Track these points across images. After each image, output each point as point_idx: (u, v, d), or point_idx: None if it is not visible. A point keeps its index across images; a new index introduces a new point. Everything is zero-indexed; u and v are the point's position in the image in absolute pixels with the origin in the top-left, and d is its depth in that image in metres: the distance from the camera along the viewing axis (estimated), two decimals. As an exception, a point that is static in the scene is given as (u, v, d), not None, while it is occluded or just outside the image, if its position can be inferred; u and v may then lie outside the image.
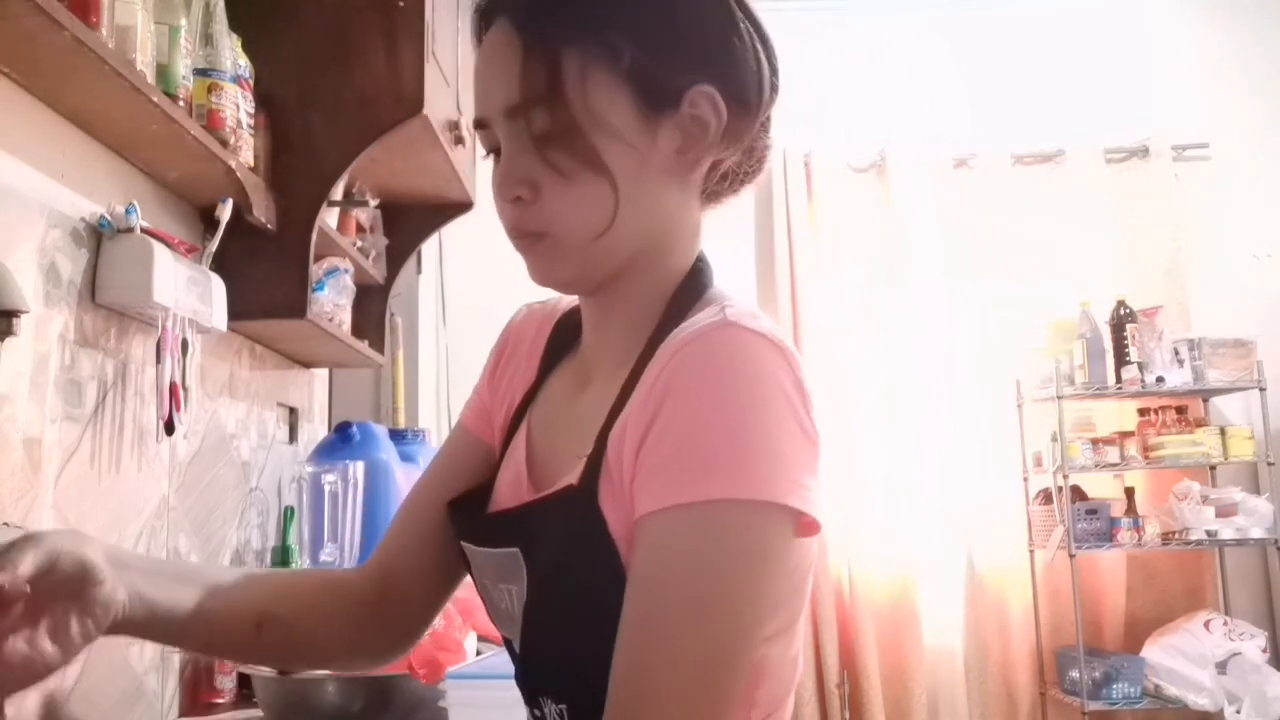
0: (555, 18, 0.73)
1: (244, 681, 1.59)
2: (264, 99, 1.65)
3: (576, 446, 0.75)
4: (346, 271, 1.99)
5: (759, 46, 0.77)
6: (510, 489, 0.82)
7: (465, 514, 0.85)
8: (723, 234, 0.91)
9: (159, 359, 1.40)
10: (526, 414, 0.86)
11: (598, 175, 0.72)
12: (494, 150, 0.77)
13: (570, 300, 0.90)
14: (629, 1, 0.75)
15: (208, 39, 1.47)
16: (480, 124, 0.77)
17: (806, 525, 0.68)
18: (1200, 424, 3.29)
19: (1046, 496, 3.31)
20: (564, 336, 0.89)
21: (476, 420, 0.94)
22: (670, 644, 0.63)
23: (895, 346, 3.47)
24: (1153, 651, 3.14)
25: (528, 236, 0.76)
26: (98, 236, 1.35)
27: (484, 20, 0.77)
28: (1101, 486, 3.36)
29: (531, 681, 0.79)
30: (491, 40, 0.76)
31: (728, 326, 0.67)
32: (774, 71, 0.78)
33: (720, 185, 0.82)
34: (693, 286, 0.78)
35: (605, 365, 0.80)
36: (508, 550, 0.77)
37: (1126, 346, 3.23)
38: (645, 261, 0.78)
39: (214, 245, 1.56)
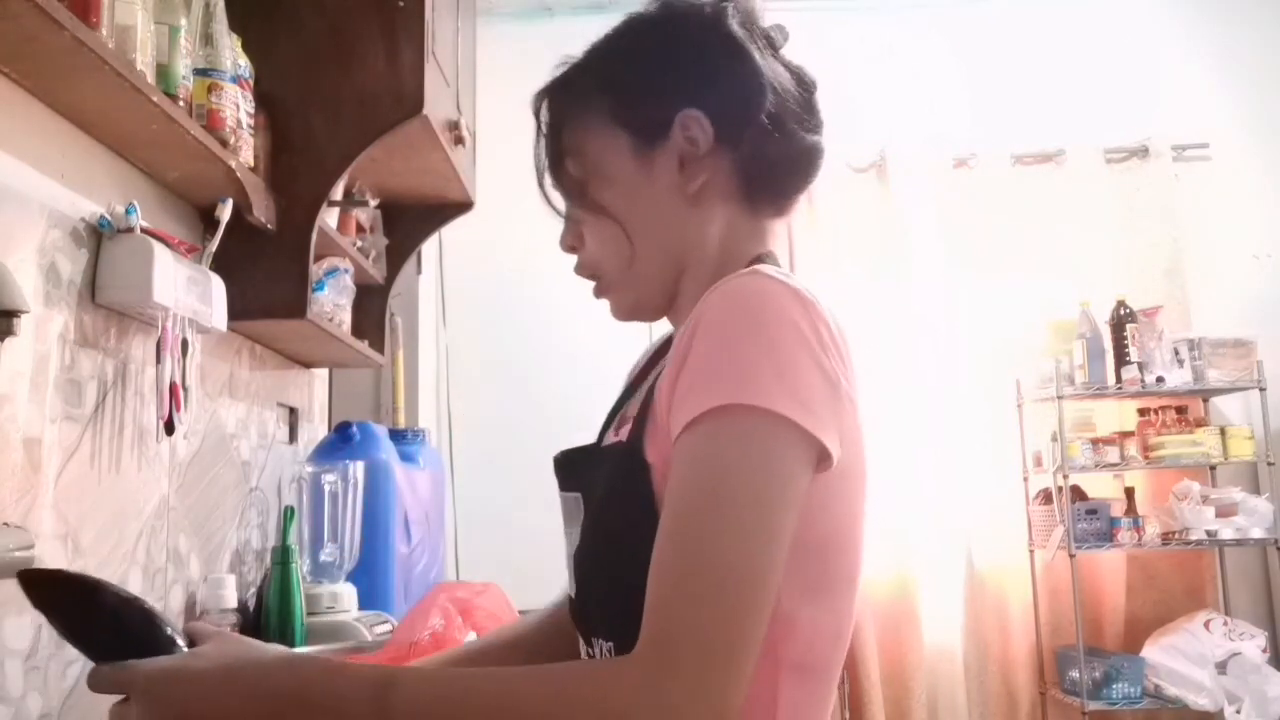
0: (558, 100, 0.89)
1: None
2: (264, 99, 1.65)
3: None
4: (346, 271, 1.99)
5: (739, 58, 0.86)
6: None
7: (557, 460, 0.93)
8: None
9: (159, 359, 1.40)
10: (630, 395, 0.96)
11: (605, 218, 0.86)
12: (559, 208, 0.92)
13: None
14: (612, 63, 0.89)
15: (208, 39, 1.47)
16: (542, 184, 0.92)
17: (820, 456, 0.71)
18: (1200, 424, 3.29)
19: (1046, 496, 3.31)
20: None
21: None
22: (686, 539, 0.67)
23: (895, 346, 3.47)
24: (1153, 651, 3.14)
25: (590, 280, 0.91)
26: (98, 236, 1.35)
27: (537, 105, 0.92)
28: (1101, 486, 3.36)
29: (583, 622, 0.84)
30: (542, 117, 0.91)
31: (753, 274, 0.74)
32: (751, 74, 0.85)
33: (769, 196, 0.88)
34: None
35: None
36: (572, 494, 0.86)
37: (1126, 346, 3.23)
38: (694, 275, 0.86)
39: (214, 245, 1.56)
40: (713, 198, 0.86)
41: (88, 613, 0.78)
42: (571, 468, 0.89)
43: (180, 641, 0.78)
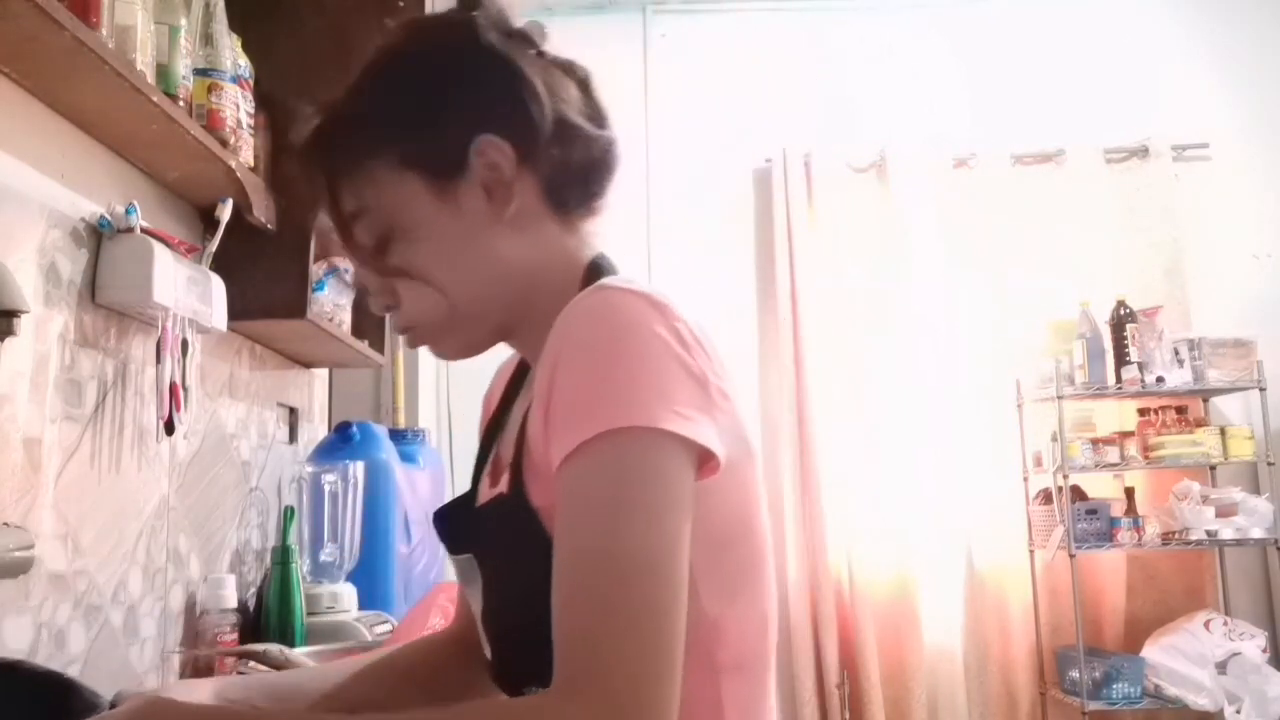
0: (328, 158, 0.82)
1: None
2: (264, 99, 1.65)
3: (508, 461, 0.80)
4: (346, 271, 1.99)
5: (510, 71, 0.80)
6: (483, 497, 0.87)
7: (437, 523, 0.90)
8: (723, 235, 0.91)
9: (159, 359, 1.40)
10: (494, 443, 0.92)
11: (418, 272, 0.80)
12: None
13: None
14: (381, 106, 0.82)
15: (208, 39, 1.47)
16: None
17: (703, 459, 0.70)
18: (1200, 424, 3.29)
19: (1046, 496, 3.31)
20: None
21: None
22: (591, 569, 0.65)
23: (895, 347, 3.47)
24: (1153, 651, 3.14)
25: (406, 334, 0.84)
26: (98, 236, 1.35)
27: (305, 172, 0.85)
28: (1101, 486, 3.36)
29: (506, 680, 0.83)
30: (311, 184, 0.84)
31: (598, 290, 0.72)
32: (524, 85, 0.80)
33: (579, 200, 0.85)
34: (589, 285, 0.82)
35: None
36: (464, 556, 0.84)
37: (1126, 346, 3.23)
38: (527, 297, 0.83)
39: (214, 245, 1.56)
40: (524, 217, 0.82)
41: (7, 694, 0.76)
42: (455, 529, 0.86)
43: (105, 704, 0.78)
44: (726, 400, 0.73)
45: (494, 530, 0.78)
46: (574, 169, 0.84)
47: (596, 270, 0.83)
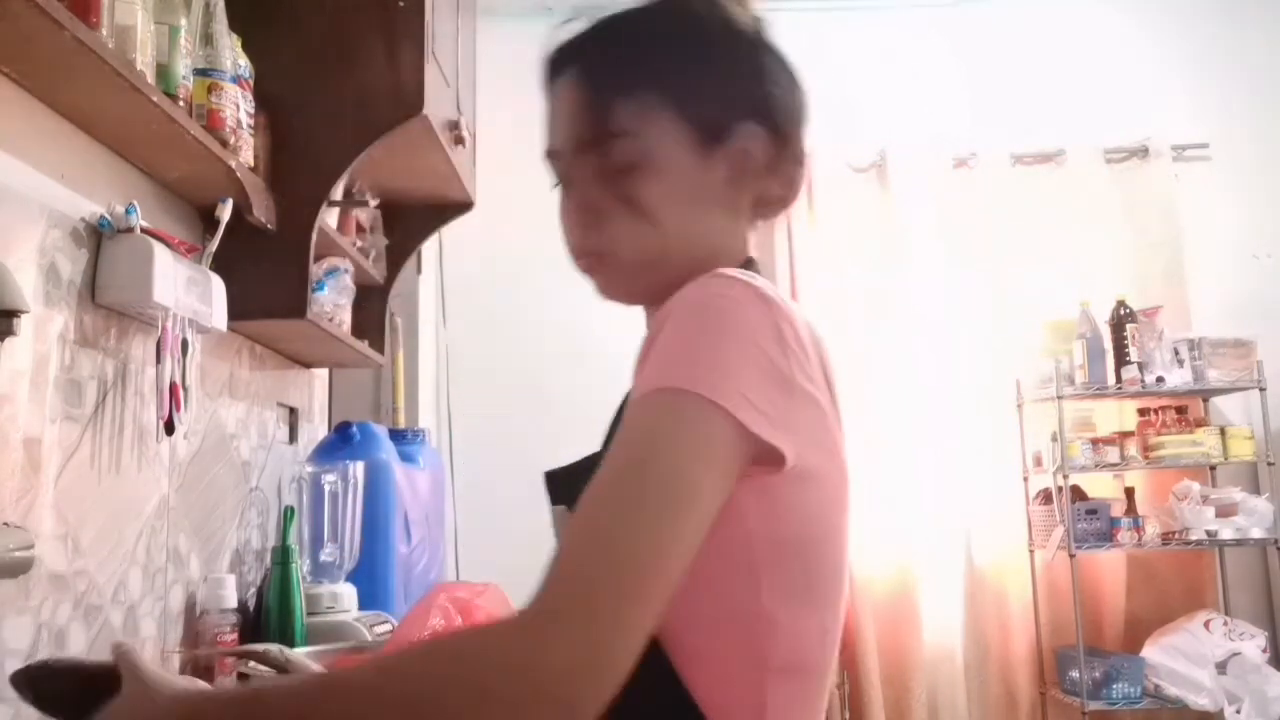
0: (622, 66, 0.84)
1: (243, 681, 1.59)
2: (264, 99, 1.65)
3: None
4: (346, 271, 1.99)
5: (792, 82, 0.88)
6: None
7: (547, 476, 0.92)
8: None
9: (159, 359, 1.40)
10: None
11: (647, 205, 0.82)
12: (563, 180, 0.88)
13: None
14: (685, 48, 0.85)
15: (208, 39, 1.47)
16: (551, 155, 0.88)
17: (769, 460, 0.70)
18: (1200, 424, 3.29)
19: (1046, 496, 3.31)
20: None
21: None
22: (598, 499, 0.67)
23: (895, 347, 3.47)
24: (1153, 651, 3.14)
25: (590, 256, 0.86)
26: (98, 236, 1.35)
27: (555, 68, 0.87)
28: (1101, 486, 3.36)
29: None
30: (564, 84, 0.86)
31: (715, 275, 0.75)
32: (803, 100, 0.89)
33: (764, 210, 0.90)
34: None
35: None
36: (559, 507, 0.86)
37: (1126, 346, 3.23)
38: (697, 273, 0.84)
39: (214, 245, 1.56)
40: (742, 211, 0.87)
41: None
42: (562, 482, 0.88)
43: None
44: (814, 409, 0.74)
45: (585, 483, 0.79)
46: (795, 190, 0.90)
47: (748, 268, 0.87)
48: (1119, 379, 3.23)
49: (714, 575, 0.71)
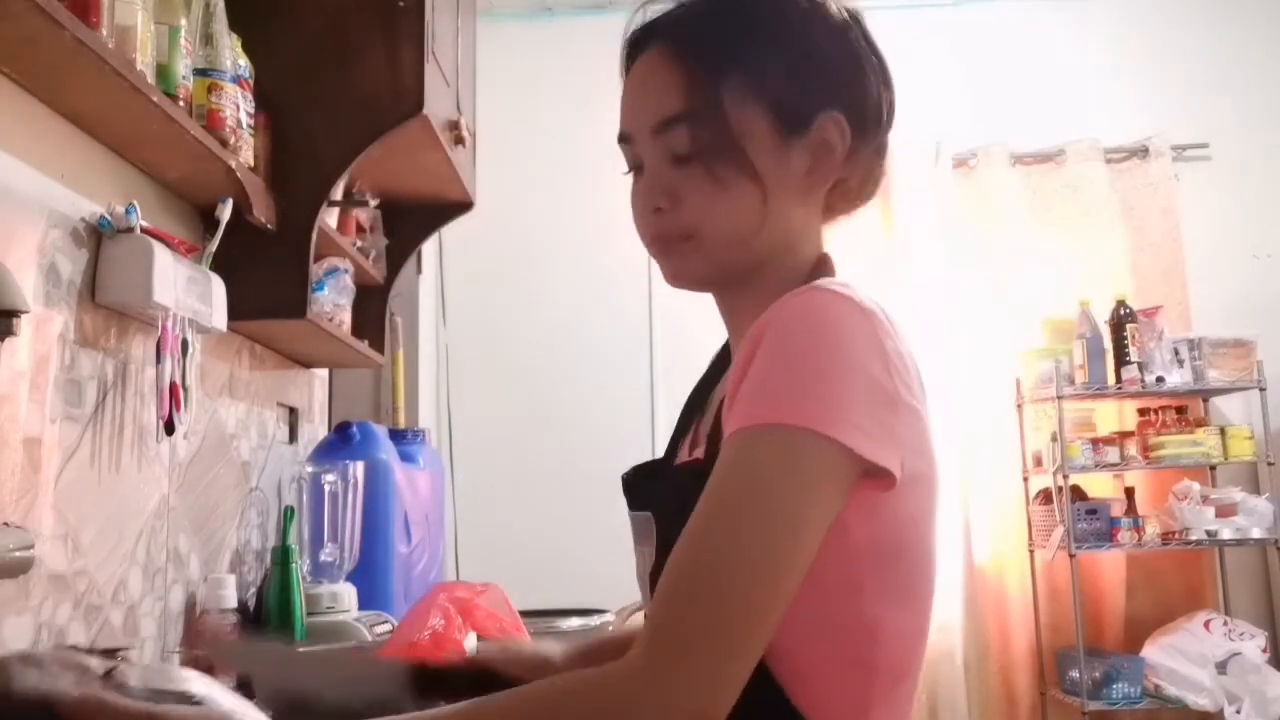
0: (713, 45, 0.83)
1: (244, 681, 1.59)
2: (264, 99, 1.65)
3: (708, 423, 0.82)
4: (346, 271, 1.99)
5: (881, 75, 0.88)
6: (679, 460, 0.90)
7: (625, 478, 0.93)
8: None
9: (159, 359, 1.40)
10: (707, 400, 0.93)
11: (753, 183, 0.81)
12: (635, 167, 0.86)
13: None
14: (773, 33, 0.84)
15: (208, 39, 1.47)
16: (625, 139, 0.86)
17: (876, 476, 0.71)
18: (1200, 424, 3.29)
19: (1046, 496, 3.31)
20: None
21: None
22: (704, 541, 0.68)
23: (895, 346, 3.46)
24: (1153, 651, 3.14)
25: (672, 240, 0.84)
26: (98, 236, 1.35)
27: (637, 47, 0.87)
28: (1101, 486, 3.36)
29: None
30: (651, 61, 0.85)
31: (813, 290, 0.75)
32: (891, 96, 0.88)
33: (841, 203, 0.90)
34: (812, 279, 0.84)
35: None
36: (643, 514, 0.86)
37: (1126, 346, 3.23)
38: (770, 266, 0.85)
39: (214, 245, 1.56)
40: (814, 199, 0.87)
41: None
42: (641, 486, 0.89)
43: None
44: (918, 420, 0.75)
45: (679, 493, 0.78)
46: (872, 185, 0.90)
47: (824, 265, 0.87)
48: (1119, 379, 3.23)
49: (816, 587, 0.72)
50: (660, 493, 0.85)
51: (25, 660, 0.71)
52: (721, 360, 0.96)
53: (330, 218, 1.94)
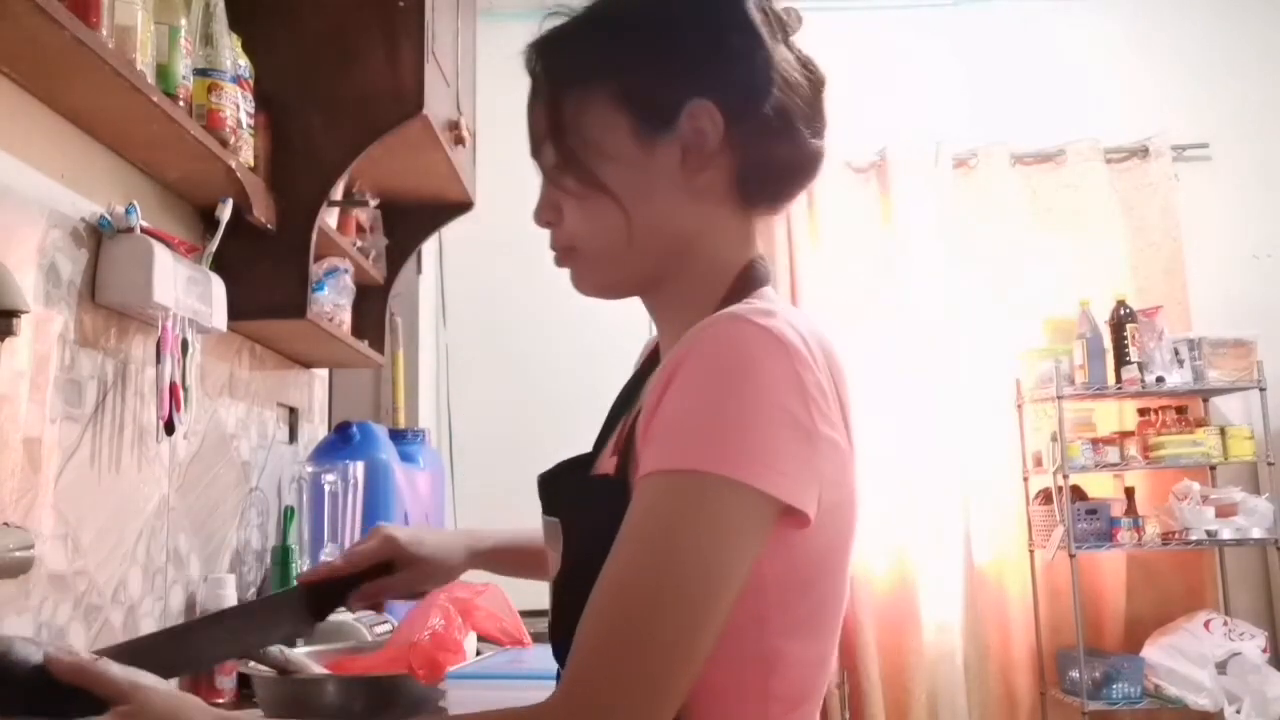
0: (566, 60, 0.84)
1: (244, 681, 1.59)
2: (264, 99, 1.65)
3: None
4: (346, 271, 1.99)
5: (754, 39, 0.81)
6: (598, 468, 0.88)
7: (540, 480, 0.91)
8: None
9: (159, 359, 1.40)
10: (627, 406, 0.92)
11: (602, 194, 0.81)
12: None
13: None
14: (620, 35, 0.83)
15: (208, 39, 1.47)
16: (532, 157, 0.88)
17: (792, 515, 0.70)
18: (1200, 424, 3.29)
19: (1046, 496, 3.31)
20: None
21: None
22: (623, 592, 0.67)
23: (895, 347, 3.46)
24: (1153, 651, 3.14)
25: (560, 252, 0.86)
26: (98, 236, 1.35)
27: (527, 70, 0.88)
28: (1101, 486, 3.36)
29: (556, 647, 0.82)
30: (531, 83, 0.87)
31: (734, 319, 0.72)
32: (765, 66, 0.81)
33: (760, 193, 0.85)
34: (742, 287, 0.82)
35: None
36: (551, 519, 0.85)
37: (1126, 346, 3.23)
38: (681, 265, 0.84)
39: (214, 245, 1.56)
40: (710, 193, 0.82)
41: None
42: (553, 491, 0.87)
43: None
44: (836, 451, 0.73)
45: (592, 506, 0.78)
46: (775, 166, 0.84)
47: (749, 274, 0.83)
48: (1119, 379, 3.23)
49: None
50: (571, 499, 0.83)
51: (25, 640, 0.75)
52: (651, 358, 0.95)
53: (330, 218, 1.94)
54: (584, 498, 0.81)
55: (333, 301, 1.93)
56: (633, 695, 0.65)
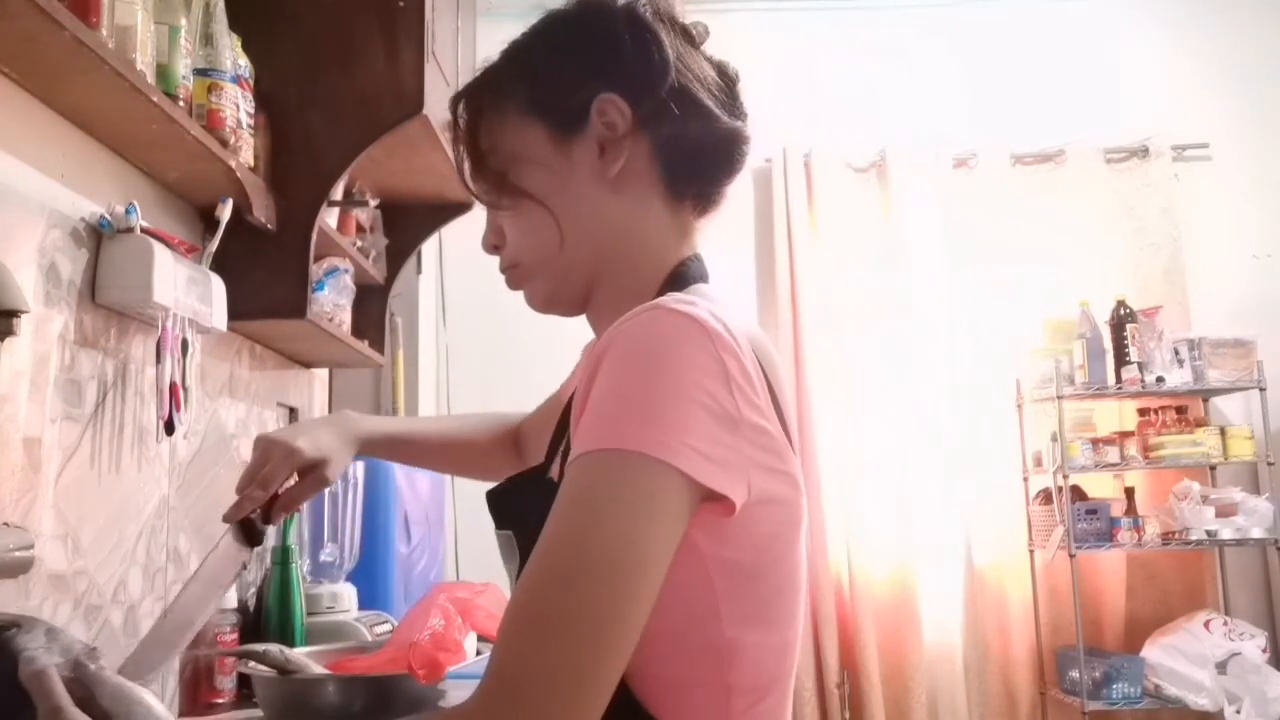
0: (470, 102, 0.89)
1: (244, 681, 1.59)
2: (264, 99, 1.65)
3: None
4: (346, 271, 1.99)
5: (650, 40, 0.84)
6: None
7: (489, 497, 0.90)
8: (722, 235, 0.91)
9: (159, 359, 1.40)
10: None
11: (531, 201, 0.84)
12: None
13: None
14: (520, 56, 0.88)
15: (208, 39, 1.47)
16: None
17: (716, 500, 0.69)
18: (1200, 424, 3.29)
19: (1046, 496, 3.31)
20: None
21: None
22: (545, 575, 0.66)
23: (895, 347, 3.47)
24: (1153, 651, 3.14)
25: (509, 273, 0.90)
26: (98, 236, 1.35)
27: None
28: (1101, 486, 3.36)
29: None
30: None
31: (655, 308, 0.72)
32: (650, 44, 0.83)
33: (690, 186, 0.86)
34: (674, 285, 0.83)
35: None
36: (504, 532, 0.84)
37: (1126, 346, 3.23)
38: (616, 269, 0.85)
39: (214, 245, 1.56)
40: (634, 184, 0.84)
41: None
42: (505, 505, 0.86)
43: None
44: (766, 439, 0.72)
45: (538, 510, 0.76)
46: (690, 146, 0.85)
47: (683, 271, 0.84)
48: (1119, 379, 3.23)
49: (675, 610, 0.70)
50: (521, 509, 0.82)
51: (48, 631, 0.72)
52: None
53: (330, 218, 1.94)
54: (534, 503, 0.78)
55: (333, 301, 1.93)
56: (554, 681, 0.62)
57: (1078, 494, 3.26)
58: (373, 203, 2.13)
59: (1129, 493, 3.32)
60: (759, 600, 0.75)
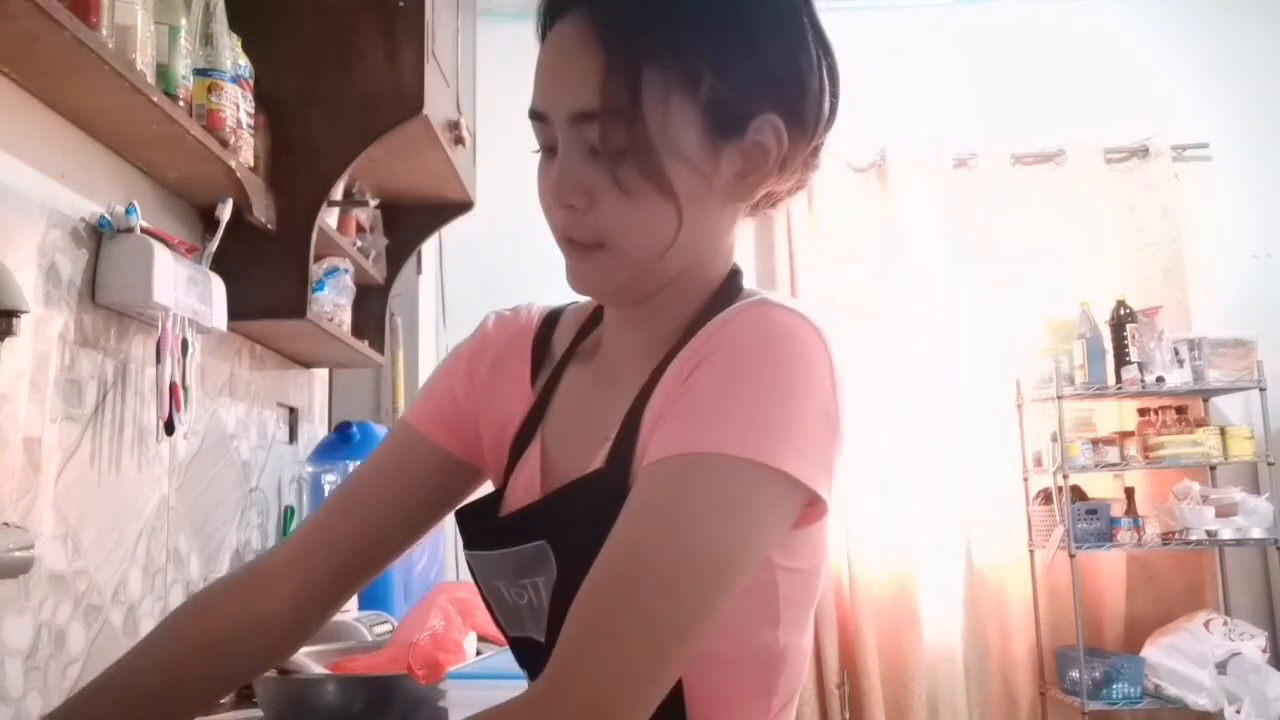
0: (642, 32, 0.71)
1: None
2: (264, 99, 1.65)
3: (598, 436, 0.76)
4: (346, 271, 1.99)
5: (826, 71, 0.76)
6: (525, 492, 0.81)
7: (475, 522, 0.84)
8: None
9: (159, 359, 1.40)
10: (539, 429, 0.84)
11: (665, 198, 0.72)
12: (549, 148, 0.75)
13: (541, 309, 0.91)
14: (711, 27, 0.72)
15: (208, 39, 1.47)
16: (539, 117, 0.74)
17: (811, 505, 0.68)
18: (1200, 424, 3.29)
19: (1046, 496, 3.31)
20: (544, 349, 0.89)
21: (438, 427, 0.88)
22: (633, 573, 0.63)
23: (895, 347, 3.47)
24: (1153, 651, 3.14)
25: (581, 245, 0.75)
26: (98, 236, 1.35)
27: (555, 10, 0.74)
28: (1101, 486, 3.36)
29: None
30: (568, 35, 0.72)
31: (766, 305, 0.70)
32: (835, 95, 0.78)
33: (762, 208, 0.82)
34: (730, 288, 0.79)
35: (635, 361, 0.79)
36: (532, 545, 0.76)
37: (1126, 346, 3.23)
38: (688, 274, 0.78)
39: (214, 245, 1.56)
40: (741, 209, 0.79)
41: None
42: (525, 522, 0.79)
43: None
44: (844, 445, 0.71)
45: (586, 511, 0.72)
46: (797, 186, 0.81)
47: (737, 274, 0.80)
48: (1119, 379, 3.23)
49: (741, 619, 0.70)
50: (550, 518, 0.76)
51: None
52: (595, 373, 0.84)
53: (330, 218, 1.94)
54: (585, 508, 0.74)
55: (333, 301, 1.93)
56: (625, 684, 0.60)
57: (1078, 494, 3.26)
58: (373, 203, 2.13)
59: (1129, 493, 3.32)
60: (805, 606, 0.75)
